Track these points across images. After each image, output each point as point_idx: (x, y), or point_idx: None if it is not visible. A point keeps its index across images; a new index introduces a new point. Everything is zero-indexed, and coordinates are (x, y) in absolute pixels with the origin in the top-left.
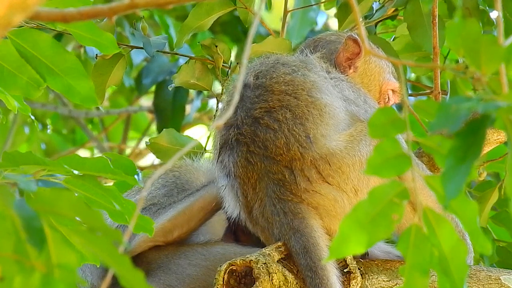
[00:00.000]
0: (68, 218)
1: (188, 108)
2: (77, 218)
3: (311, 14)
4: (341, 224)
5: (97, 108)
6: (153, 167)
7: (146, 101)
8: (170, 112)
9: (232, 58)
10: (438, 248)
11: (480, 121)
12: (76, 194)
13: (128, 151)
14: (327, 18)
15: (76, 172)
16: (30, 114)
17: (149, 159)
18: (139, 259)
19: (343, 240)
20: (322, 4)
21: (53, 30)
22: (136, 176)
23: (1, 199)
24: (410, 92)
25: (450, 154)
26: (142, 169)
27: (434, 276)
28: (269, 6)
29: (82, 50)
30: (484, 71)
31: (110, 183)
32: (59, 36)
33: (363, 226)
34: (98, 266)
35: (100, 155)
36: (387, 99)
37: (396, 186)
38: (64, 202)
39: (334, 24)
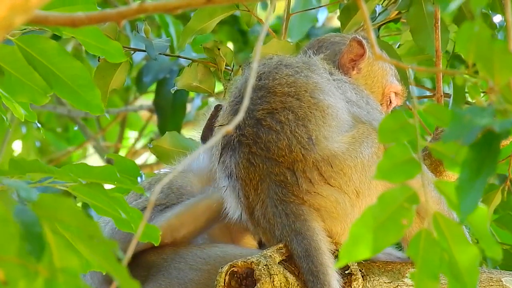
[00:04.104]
0: (69, 224)
1: (189, 106)
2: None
3: (312, 11)
4: (351, 229)
5: None
6: (149, 166)
7: (144, 100)
8: (170, 110)
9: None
10: (449, 253)
11: (495, 133)
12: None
13: (124, 150)
14: (328, 15)
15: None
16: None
17: (144, 158)
18: (138, 263)
19: (352, 245)
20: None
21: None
22: (139, 178)
23: (2, 205)
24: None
25: (465, 167)
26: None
27: (443, 280)
28: (273, 9)
29: (83, 47)
30: (497, 80)
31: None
32: (58, 37)
33: (372, 231)
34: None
35: (96, 154)
36: (389, 102)
37: (406, 191)
38: (64, 209)
39: (336, 21)
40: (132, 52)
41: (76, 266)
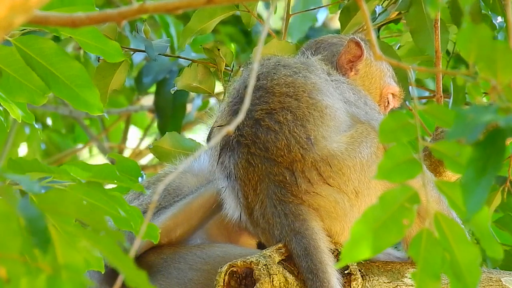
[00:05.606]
0: (72, 220)
1: (189, 106)
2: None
3: (312, 10)
4: (352, 229)
5: None
6: (153, 167)
7: (147, 100)
8: (170, 111)
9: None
10: (450, 253)
11: (499, 131)
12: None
13: (128, 151)
14: (328, 14)
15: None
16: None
17: (149, 158)
18: (137, 263)
19: (354, 245)
20: (324, 2)
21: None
22: (140, 178)
23: (6, 200)
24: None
25: (470, 165)
26: (142, 168)
27: (445, 280)
28: (274, 10)
29: (81, 51)
30: (500, 79)
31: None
32: (57, 38)
33: (373, 231)
34: (102, 272)
35: (100, 155)
36: (387, 103)
37: (406, 191)
38: (68, 203)
39: (338, 22)
40: (132, 52)
41: (80, 262)
